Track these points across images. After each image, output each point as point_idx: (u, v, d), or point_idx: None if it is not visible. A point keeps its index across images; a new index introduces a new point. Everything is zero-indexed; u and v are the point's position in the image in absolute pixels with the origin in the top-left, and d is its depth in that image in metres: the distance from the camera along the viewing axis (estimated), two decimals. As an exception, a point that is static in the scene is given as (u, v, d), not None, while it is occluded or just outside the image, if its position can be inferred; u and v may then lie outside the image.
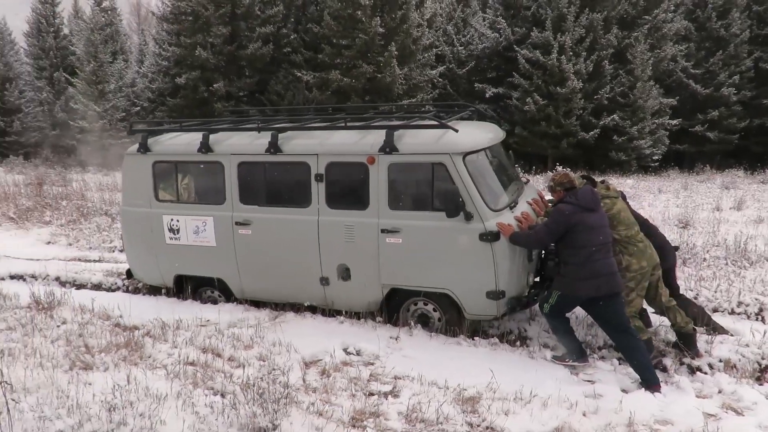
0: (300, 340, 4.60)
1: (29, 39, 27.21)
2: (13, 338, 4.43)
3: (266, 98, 22.65)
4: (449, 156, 4.47)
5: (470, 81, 24.78)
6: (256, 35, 21.50)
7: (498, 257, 4.43)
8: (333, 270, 5.01)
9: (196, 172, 5.62)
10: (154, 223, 5.56)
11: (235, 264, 5.36)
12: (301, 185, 4.98)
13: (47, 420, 3.09)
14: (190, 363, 4.10)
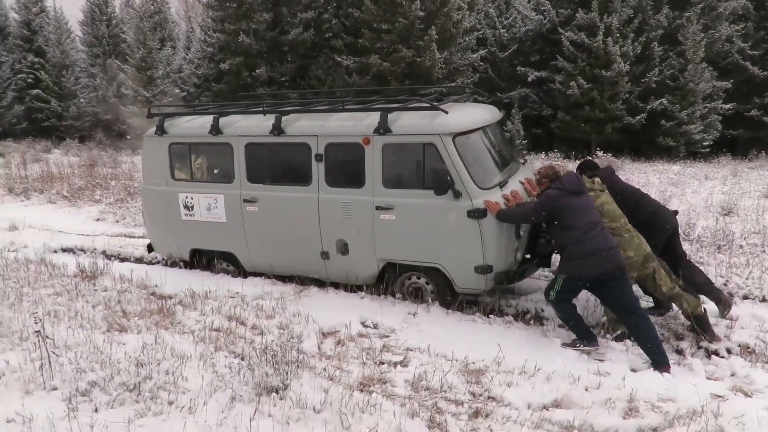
0: (320, 312, 4.80)
1: (84, 27, 28.43)
2: (59, 302, 4.83)
3: (307, 83, 22.97)
4: (439, 137, 4.65)
5: (512, 65, 24.39)
6: (297, 21, 21.77)
7: (485, 233, 4.59)
8: (332, 245, 5.26)
9: (207, 152, 5.92)
10: (170, 201, 5.93)
11: (244, 239, 5.68)
12: (303, 165, 5.24)
13: (82, 371, 3.40)
14: (215, 329, 4.37)
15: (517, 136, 21.66)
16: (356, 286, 5.48)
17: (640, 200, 4.83)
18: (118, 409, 3.17)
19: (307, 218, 5.26)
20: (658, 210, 4.84)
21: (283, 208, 5.40)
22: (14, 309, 4.60)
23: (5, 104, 24.58)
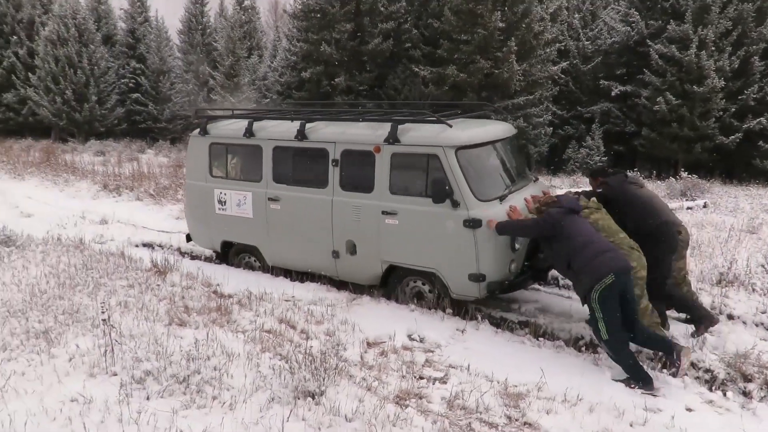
0: (368, 321, 4.87)
1: (181, 36, 30.47)
2: (130, 294, 5.21)
3: (384, 92, 23.31)
4: (442, 149, 4.95)
5: (595, 78, 23.55)
6: (378, 31, 22.18)
7: (479, 243, 4.84)
8: (342, 245, 5.62)
9: (241, 153, 6.48)
10: (207, 195, 6.52)
11: (267, 234, 6.18)
12: (321, 169, 5.66)
13: (139, 360, 3.68)
14: (266, 330, 4.55)
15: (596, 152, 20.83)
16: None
17: (649, 210, 4.81)
18: (167, 399, 3.39)
19: (322, 219, 5.68)
20: (668, 222, 4.76)
21: (301, 207, 5.85)
22: (92, 297, 5.02)
23: (109, 106, 26.76)
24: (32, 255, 6.40)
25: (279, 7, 43.95)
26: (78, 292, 5.15)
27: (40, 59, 25.38)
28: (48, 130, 27.22)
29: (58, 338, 4.10)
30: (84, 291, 5.20)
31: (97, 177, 13.94)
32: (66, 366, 3.73)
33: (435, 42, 22.33)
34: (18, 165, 16.17)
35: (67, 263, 6.06)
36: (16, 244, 6.82)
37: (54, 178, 14.20)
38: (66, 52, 24.78)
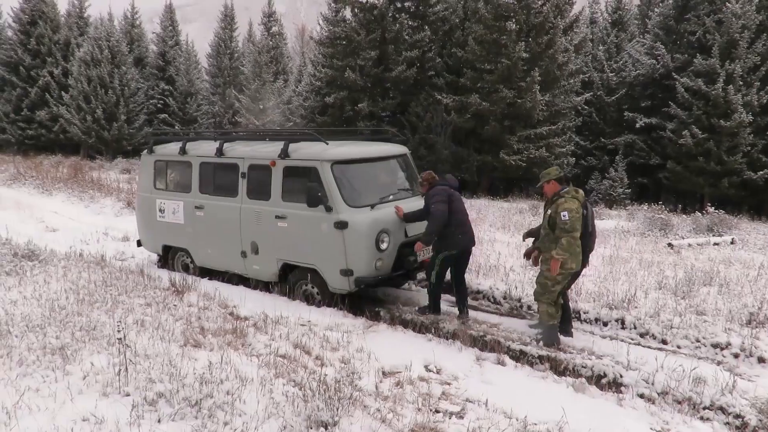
0: (384, 350, 4.79)
1: (209, 59, 31.27)
2: (147, 312, 5.21)
3: (406, 119, 23.47)
4: (320, 162, 5.84)
5: (619, 109, 23.42)
6: (402, 59, 22.45)
7: (347, 242, 5.65)
8: (248, 246, 6.48)
9: (177, 168, 7.41)
10: (151, 205, 7.50)
11: (194, 238, 7.12)
12: (233, 180, 6.57)
13: (152, 381, 3.63)
14: (281, 355, 4.49)
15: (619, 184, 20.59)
16: (425, 326, 5.56)
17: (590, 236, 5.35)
18: (179, 422, 3.33)
19: (233, 223, 6.57)
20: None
21: (219, 214, 6.75)
22: (109, 314, 5.03)
23: (137, 126, 27.41)
24: (54, 270, 6.47)
25: (305, 33, 44.92)
26: (96, 308, 5.17)
27: (73, 79, 26.19)
28: (77, 147, 27.93)
29: (73, 355, 4.09)
30: (102, 308, 5.21)
31: (121, 194, 14.17)
32: (80, 384, 3.71)
33: (458, 71, 22.52)
34: (47, 180, 16.54)
35: (87, 279, 6.11)
36: (39, 259, 6.90)
37: (80, 194, 14.48)
38: (99, 72, 25.55)
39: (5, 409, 3.30)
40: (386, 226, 5.89)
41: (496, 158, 20.76)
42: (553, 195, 5.20)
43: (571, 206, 4.94)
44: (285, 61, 31.61)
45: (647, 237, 11.70)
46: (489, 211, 14.91)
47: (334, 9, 24.82)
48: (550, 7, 19.86)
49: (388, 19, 23.11)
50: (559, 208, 4.98)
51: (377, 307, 6.31)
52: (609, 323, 6.04)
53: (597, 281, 7.41)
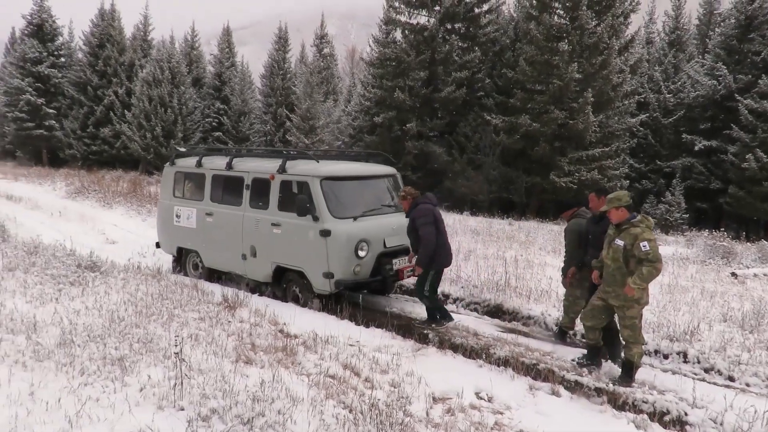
0: (434, 375, 4.69)
1: (263, 80, 32.23)
2: (201, 327, 5.31)
3: (454, 139, 23.43)
4: (311, 177, 6.53)
5: (677, 131, 22.65)
6: (451, 79, 22.51)
7: (329, 248, 6.28)
8: (248, 249, 7.19)
9: (193, 179, 8.21)
10: (170, 211, 8.37)
11: (204, 241, 7.92)
12: (239, 191, 7.36)
13: (206, 397, 3.67)
14: (330, 376, 4.47)
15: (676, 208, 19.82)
16: (475, 352, 5.43)
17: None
18: (231, 439, 3.35)
19: (237, 229, 7.31)
20: None
21: (225, 220, 7.51)
22: (165, 328, 5.15)
23: (192, 143, 28.44)
24: (114, 282, 6.71)
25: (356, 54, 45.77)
26: (153, 321, 5.30)
27: (136, 98, 27.50)
28: (137, 163, 29.20)
29: (131, 367, 4.19)
30: (158, 321, 5.34)
31: (177, 209, 14.65)
32: (137, 396, 3.79)
33: (508, 91, 22.37)
34: (108, 194, 17.33)
35: (144, 292, 6.29)
36: (101, 270, 7.18)
37: (138, 208, 15.07)
38: (159, 92, 26.75)
39: (68, 417, 3.40)
40: (366, 236, 6.49)
41: (546, 180, 20.38)
42: (622, 223, 4.87)
43: (651, 236, 4.66)
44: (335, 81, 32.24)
45: (708, 265, 11.14)
46: (538, 233, 14.58)
47: (385, 31, 25.21)
48: (604, 27, 19.52)
49: (438, 41, 23.27)
50: (639, 238, 4.64)
51: (426, 330, 6.23)
52: (670, 356, 5.74)
53: (656, 311, 7.09)
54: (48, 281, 6.41)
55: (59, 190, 19.92)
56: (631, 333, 4.84)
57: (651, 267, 4.57)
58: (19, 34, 34.60)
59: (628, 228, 4.78)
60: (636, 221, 4.79)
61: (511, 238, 13.34)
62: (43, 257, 7.54)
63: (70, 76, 31.34)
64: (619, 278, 4.80)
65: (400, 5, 24.12)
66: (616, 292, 4.84)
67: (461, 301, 7.68)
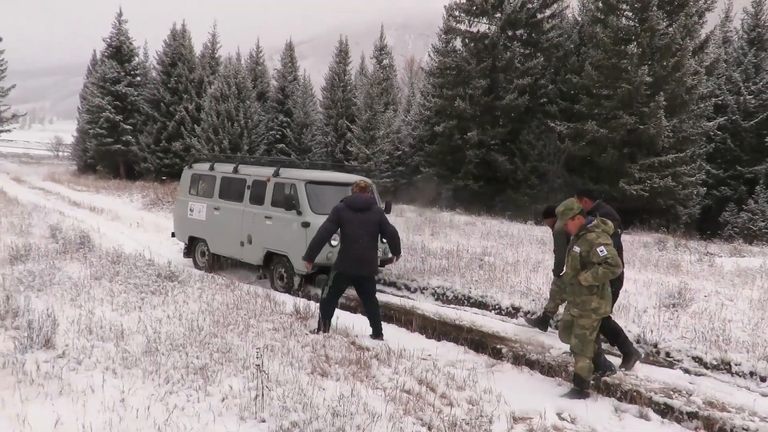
0: (512, 392, 4.54)
1: (324, 92, 32.85)
2: (275, 337, 5.38)
3: (516, 147, 22.97)
4: (297, 181, 8.27)
5: (759, 135, 21.25)
6: (513, 86, 22.13)
7: (308, 237, 7.21)
8: (246, 238, 8.85)
9: (206, 180, 9.93)
10: (185, 206, 10.11)
11: (211, 231, 9.59)
12: (241, 191, 9.07)
13: (287, 410, 3.69)
14: (406, 391, 4.40)
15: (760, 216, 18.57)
16: (553, 369, 5.22)
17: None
18: (312, 454, 3.34)
19: (238, 221, 9.01)
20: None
21: (230, 214, 9.20)
22: (241, 338, 5.26)
23: (257, 155, 29.32)
24: (191, 291, 6.94)
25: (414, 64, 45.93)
26: (230, 331, 5.43)
27: (205, 113, 28.69)
28: (205, 175, 30.34)
29: (212, 376, 4.29)
30: (235, 330, 5.47)
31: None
32: (219, 406, 3.86)
33: (573, 97, 21.76)
34: (180, 206, 18.07)
35: (220, 302, 6.47)
36: (178, 280, 7.46)
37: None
38: (226, 107, 27.79)
39: (157, 425, 3.50)
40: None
41: (615, 188, 19.58)
42: (579, 230, 4.73)
43: (607, 241, 4.56)
44: (394, 91, 32.40)
45: (803, 279, 10.28)
46: (609, 244, 13.98)
47: (445, 40, 25.14)
48: (677, 28, 18.62)
49: (499, 48, 22.97)
50: (594, 244, 4.53)
51: (498, 345, 6.06)
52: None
53: (747, 328, 6.60)
54: (131, 290, 6.71)
55: (136, 202, 21.02)
56: (579, 343, 4.65)
57: (608, 270, 4.47)
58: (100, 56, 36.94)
59: (584, 234, 4.65)
60: (591, 226, 4.66)
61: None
62: (125, 266, 7.92)
63: (145, 93, 33.13)
64: (577, 287, 4.65)
65: (460, 14, 23.99)
66: (575, 300, 4.70)
67: (533, 315, 7.44)
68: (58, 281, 6.77)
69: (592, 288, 4.57)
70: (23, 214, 12.99)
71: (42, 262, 7.76)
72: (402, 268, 9.47)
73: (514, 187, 22.54)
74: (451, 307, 7.77)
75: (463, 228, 15.87)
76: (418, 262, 9.83)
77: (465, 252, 10.90)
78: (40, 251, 8.55)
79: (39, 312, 5.07)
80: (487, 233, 14.55)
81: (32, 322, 4.72)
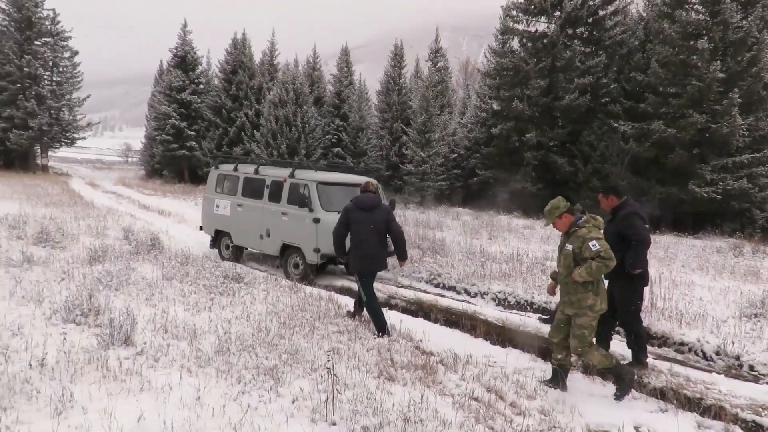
0: (586, 404, 4.38)
1: (379, 96, 33.04)
2: (341, 340, 5.43)
3: (577, 149, 22.30)
4: (310, 182, 9.09)
5: None
6: (573, 86, 21.51)
7: (318, 231, 8.68)
8: (264, 231, 9.75)
9: (230, 179, 10.82)
10: (212, 202, 11.00)
11: (234, 225, 10.46)
12: (261, 189, 9.96)
13: (357, 413, 3.70)
14: (475, 398, 4.32)
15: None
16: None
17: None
18: (384, 459, 3.33)
19: (258, 217, 9.89)
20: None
21: (251, 210, 10.06)
22: (308, 340, 5.33)
23: (314, 159, 29.84)
24: (257, 292, 7.12)
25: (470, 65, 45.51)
26: (296, 333, 5.51)
27: (264, 119, 29.47)
28: (264, 179, 31.15)
29: (282, 377, 4.36)
30: (300, 333, 5.55)
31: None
32: (290, 407, 3.92)
33: (638, 96, 20.91)
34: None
35: (285, 303, 6.60)
36: (244, 281, 7.66)
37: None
38: (284, 112, 28.44)
39: (232, 424, 3.58)
40: None
41: (684, 190, 18.65)
42: (569, 228, 4.65)
43: (598, 235, 4.53)
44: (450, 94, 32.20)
45: None
46: (678, 249, 13.33)
47: (501, 40, 24.75)
48: (753, 20, 17.56)
49: (558, 47, 22.40)
50: (586, 239, 4.49)
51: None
52: None
53: None
54: (201, 290, 6.95)
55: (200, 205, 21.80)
56: (579, 344, 4.55)
57: (602, 263, 4.39)
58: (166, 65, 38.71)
59: (575, 231, 4.57)
60: (581, 222, 4.59)
61: (648, 254, 12.30)
62: (194, 267, 8.22)
63: (208, 101, 34.42)
64: (572, 285, 4.53)
65: (517, 14, 23.57)
66: (570, 299, 4.58)
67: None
68: (134, 281, 7.10)
69: (587, 285, 4.52)
70: (99, 217, 13.73)
71: (118, 262, 8.16)
72: (461, 272, 9.36)
73: (574, 190, 21.87)
74: (514, 312, 7.59)
75: (521, 232, 15.54)
76: (478, 267, 9.68)
77: (525, 256, 10.66)
78: (115, 252, 9.00)
79: (119, 310, 5.33)
80: (547, 237, 14.18)
81: (113, 320, 4.97)
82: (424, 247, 11.59)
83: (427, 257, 10.77)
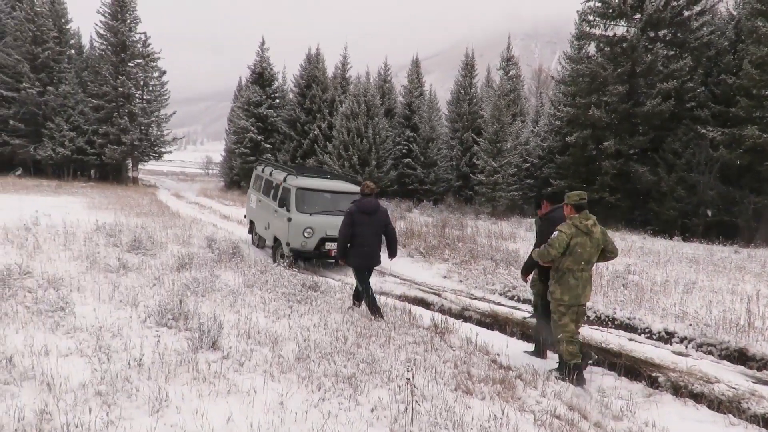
0: (678, 428, 4.12)
1: (449, 106, 32.99)
2: (417, 351, 5.43)
3: (660, 156, 21.18)
4: (292, 186, 11.04)
5: None
6: (655, 91, 20.51)
7: (290, 229, 10.66)
8: (268, 224, 11.93)
9: (260, 179, 13.33)
10: (251, 196, 13.90)
11: (256, 216, 13.19)
12: (270, 189, 12.29)
13: (438, 426, 3.69)
14: (556, 416, 4.19)
15: None
16: (723, 405, 4.67)
17: None
18: (465, 474, 3.29)
19: (266, 212, 12.16)
20: None
21: (264, 205, 12.44)
22: (383, 349, 5.38)
23: (385, 170, 30.18)
24: (333, 301, 7.27)
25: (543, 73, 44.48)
26: (372, 342, 5.58)
27: (336, 131, 30.17)
28: (335, 190, 31.82)
29: (361, 386, 4.42)
30: (377, 342, 5.60)
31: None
32: (369, 416, 3.96)
33: (728, 100, 19.64)
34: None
35: (360, 312, 6.69)
36: (321, 290, 7.85)
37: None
38: (356, 124, 28.98)
39: (315, 430, 3.68)
40: (312, 225, 10.65)
41: (783, 200, 17.24)
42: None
43: (563, 229, 5.22)
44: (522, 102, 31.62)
45: None
46: (778, 264, 12.31)
47: (577, 46, 24.06)
48: None
49: (639, 51, 21.46)
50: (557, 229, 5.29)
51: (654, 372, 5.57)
52: None
53: None
54: (280, 298, 7.19)
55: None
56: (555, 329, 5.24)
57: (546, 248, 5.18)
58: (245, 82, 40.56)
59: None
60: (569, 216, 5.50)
61: (742, 269, 11.46)
62: (272, 275, 8.52)
63: (283, 114, 35.70)
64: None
65: (594, 18, 22.83)
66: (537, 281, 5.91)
67: (691, 341, 6.75)
68: (218, 288, 7.45)
69: (553, 274, 5.25)
70: (184, 227, 14.54)
71: (203, 270, 8.60)
72: (538, 285, 9.11)
73: (657, 200, 20.77)
74: (594, 328, 7.30)
75: (600, 244, 14.89)
76: (555, 280, 9.39)
77: (605, 269, 10.23)
78: (200, 260, 9.49)
79: (206, 316, 5.61)
80: (628, 249, 13.53)
81: (202, 325, 5.24)
82: (498, 259, 11.38)
83: (501, 269, 10.58)
